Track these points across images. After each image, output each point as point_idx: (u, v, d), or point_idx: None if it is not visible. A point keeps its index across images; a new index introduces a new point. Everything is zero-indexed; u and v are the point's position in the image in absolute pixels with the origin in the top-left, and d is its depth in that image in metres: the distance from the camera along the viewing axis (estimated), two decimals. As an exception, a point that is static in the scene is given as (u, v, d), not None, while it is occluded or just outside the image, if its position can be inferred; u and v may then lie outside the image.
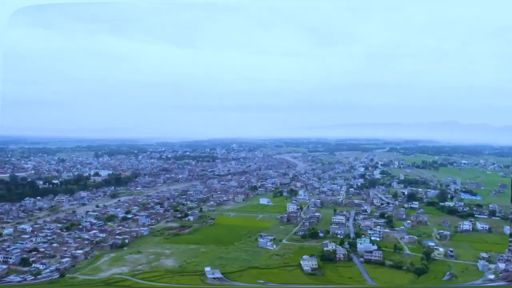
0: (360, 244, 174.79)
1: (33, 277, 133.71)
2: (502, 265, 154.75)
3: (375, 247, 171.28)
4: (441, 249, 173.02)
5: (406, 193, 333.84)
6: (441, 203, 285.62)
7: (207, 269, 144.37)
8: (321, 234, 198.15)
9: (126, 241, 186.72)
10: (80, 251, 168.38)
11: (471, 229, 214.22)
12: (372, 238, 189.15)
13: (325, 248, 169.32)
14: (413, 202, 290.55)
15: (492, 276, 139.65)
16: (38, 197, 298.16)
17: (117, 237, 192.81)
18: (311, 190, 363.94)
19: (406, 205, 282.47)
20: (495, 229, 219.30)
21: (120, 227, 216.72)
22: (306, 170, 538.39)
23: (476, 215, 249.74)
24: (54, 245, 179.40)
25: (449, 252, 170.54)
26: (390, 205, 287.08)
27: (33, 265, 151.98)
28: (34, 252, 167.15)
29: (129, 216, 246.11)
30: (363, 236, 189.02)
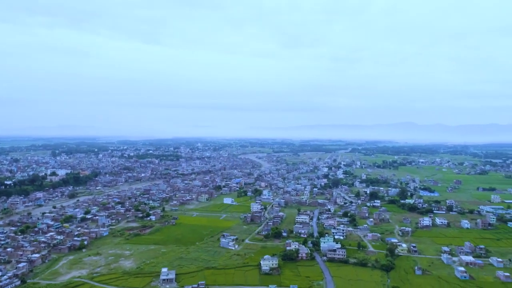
0: (324, 243, 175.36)
1: None
2: (464, 257, 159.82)
3: (339, 245, 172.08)
4: (404, 245, 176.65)
5: (368, 192, 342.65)
6: (402, 201, 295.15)
7: (164, 269, 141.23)
8: (284, 234, 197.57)
9: (85, 242, 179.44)
10: (37, 255, 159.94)
11: (431, 225, 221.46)
12: (336, 236, 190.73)
13: (287, 248, 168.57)
14: (375, 201, 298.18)
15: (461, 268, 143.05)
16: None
17: (75, 238, 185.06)
18: (275, 190, 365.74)
19: (368, 204, 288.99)
20: (453, 223, 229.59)
21: (79, 228, 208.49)
22: (271, 170, 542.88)
23: (435, 211, 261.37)
24: (9, 249, 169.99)
25: (412, 247, 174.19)
26: (353, 204, 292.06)
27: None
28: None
29: (89, 216, 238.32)
30: (326, 235, 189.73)
